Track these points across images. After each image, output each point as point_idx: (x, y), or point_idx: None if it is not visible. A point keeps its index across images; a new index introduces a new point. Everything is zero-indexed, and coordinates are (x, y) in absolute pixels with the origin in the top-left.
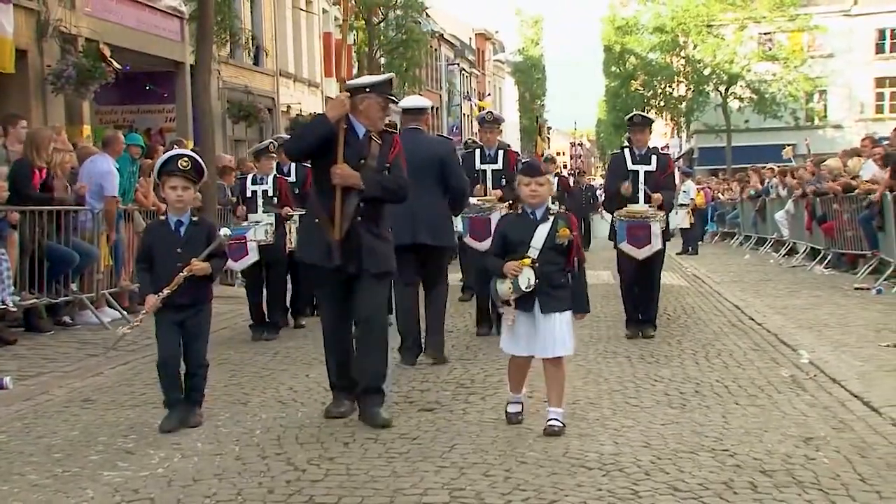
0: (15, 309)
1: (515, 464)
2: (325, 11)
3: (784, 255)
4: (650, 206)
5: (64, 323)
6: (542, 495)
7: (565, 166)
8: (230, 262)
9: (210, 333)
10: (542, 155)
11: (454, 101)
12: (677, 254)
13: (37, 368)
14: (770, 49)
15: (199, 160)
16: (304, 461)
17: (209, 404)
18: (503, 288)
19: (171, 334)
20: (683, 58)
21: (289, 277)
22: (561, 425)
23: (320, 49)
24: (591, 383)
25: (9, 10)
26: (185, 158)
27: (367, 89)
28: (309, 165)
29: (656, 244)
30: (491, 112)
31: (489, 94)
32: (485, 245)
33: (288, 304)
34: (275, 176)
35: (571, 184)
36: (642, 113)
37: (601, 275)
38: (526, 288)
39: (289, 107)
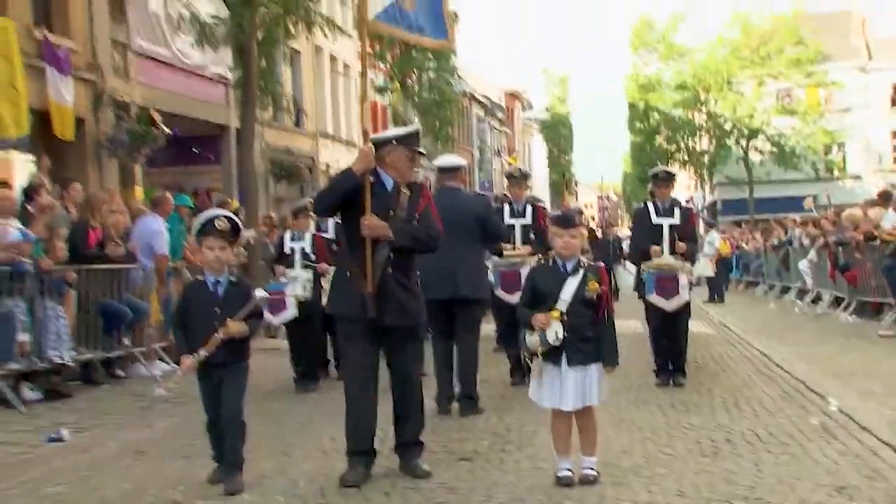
0: (73, 364)
1: None
2: (363, 75)
3: (809, 304)
4: (676, 258)
5: (117, 376)
6: None
7: (593, 219)
8: (270, 317)
9: (253, 386)
10: (580, 211)
11: (485, 158)
12: (704, 302)
13: (91, 421)
14: (788, 104)
15: (237, 220)
16: None
17: (254, 455)
18: (532, 340)
19: (212, 394)
20: (705, 113)
21: (328, 332)
22: (596, 473)
23: (358, 108)
24: (624, 431)
25: (69, 81)
26: (223, 219)
27: (394, 141)
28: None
29: (684, 295)
30: (519, 168)
31: (518, 151)
32: (515, 298)
33: (329, 356)
34: (312, 234)
35: (599, 235)
36: (665, 168)
37: (629, 324)
38: (554, 342)
39: (328, 166)
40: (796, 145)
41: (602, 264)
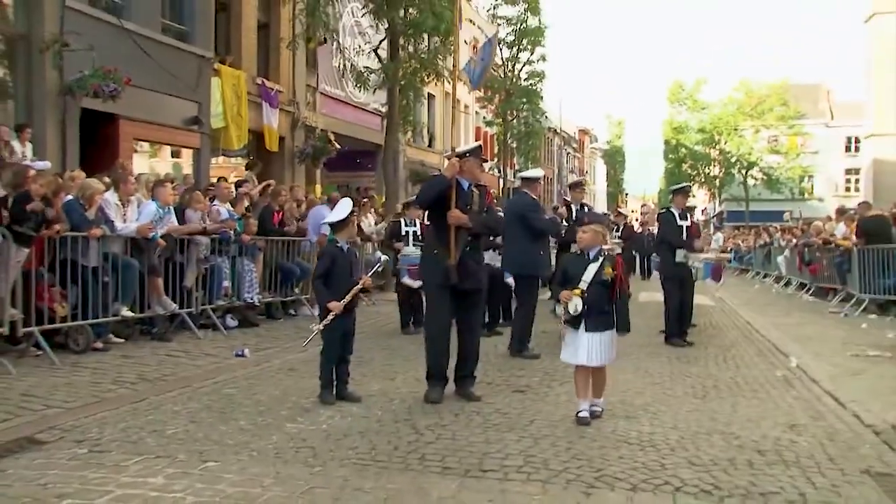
0: (259, 304)
1: (576, 438)
2: (476, 112)
3: (782, 286)
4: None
5: (290, 314)
6: (592, 464)
7: (636, 220)
8: (410, 281)
9: (378, 326)
10: (620, 211)
11: (563, 175)
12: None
13: (267, 344)
14: (776, 146)
15: None
16: (424, 427)
17: (367, 378)
18: (560, 311)
19: (339, 333)
20: (717, 150)
21: None
22: (601, 410)
23: (473, 137)
24: (640, 377)
25: (276, 112)
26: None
27: (468, 154)
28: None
29: (724, 279)
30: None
31: (587, 171)
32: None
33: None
34: (422, 221)
35: (637, 230)
36: (684, 184)
37: (655, 295)
38: (574, 312)
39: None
40: (780, 175)
41: (617, 253)
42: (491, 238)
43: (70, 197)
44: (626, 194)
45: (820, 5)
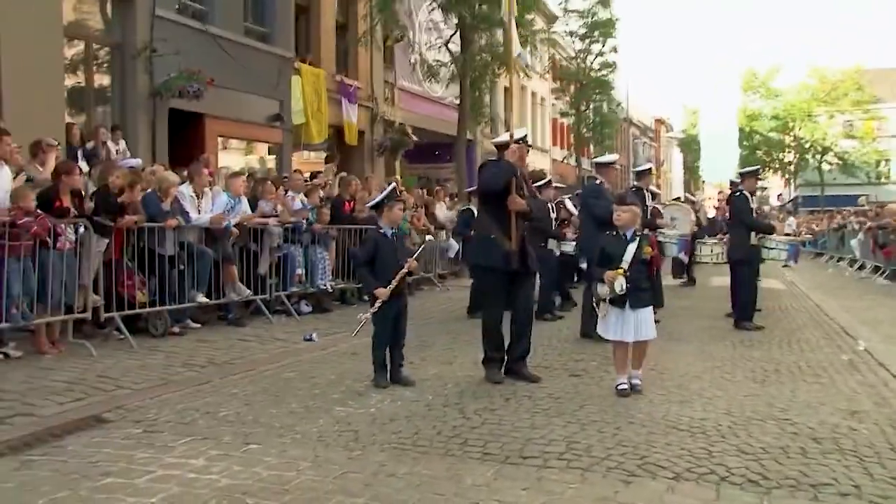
0: (331, 290)
1: (625, 423)
2: (553, 104)
3: (855, 270)
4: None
5: (364, 299)
6: (637, 451)
7: (716, 207)
8: None
9: (446, 310)
10: (689, 197)
11: (638, 163)
12: (782, 266)
13: (336, 329)
14: (850, 131)
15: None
16: (472, 411)
17: (426, 362)
18: (602, 290)
19: (390, 318)
20: (792, 136)
21: None
22: (640, 383)
23: (549, 127)
24: (701, 360)
25: (355, 107)
26: (398, 188)
27: (522, 140)
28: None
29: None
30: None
31: (663, 160)
32: None
33: None
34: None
35: (711, 215)
36: (755, 167)
37: (726, 279)
38: (620, 291)
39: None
40: (856, 160)
41: (652, 234)
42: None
43: (148, 190)
44: (703, 182)
45: None
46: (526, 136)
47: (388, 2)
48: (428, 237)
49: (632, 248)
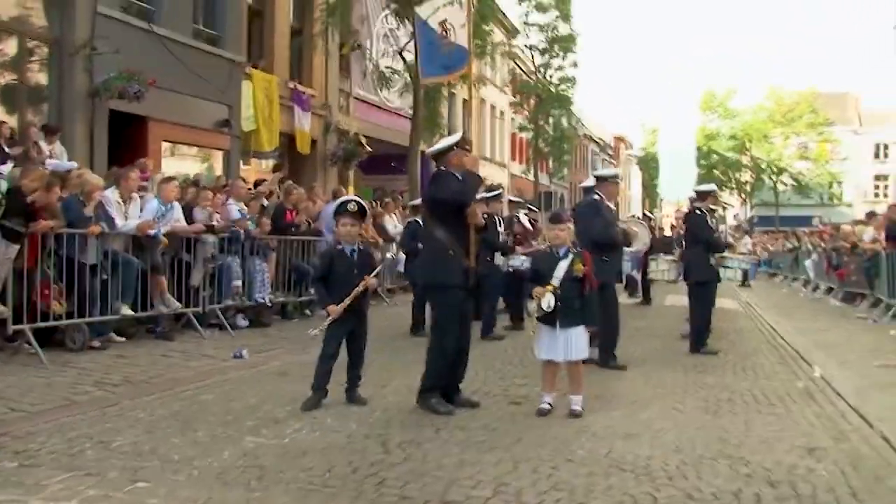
0: (270, 304)
1: (563, 461)
2: (512, 119)
3: (810, 291)
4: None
5: (306, 314)
6: (573, 496)
7: (672, 227)
8: None
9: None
10: (647, 213)
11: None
12: (737, 286)
13: (272, 345)
14: (805, 153)
15: (363, 203)
16: (396, 444)
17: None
18: (532, 307)
19: (339, 336)
20: (748, 156)
21: None
22: (580, 409)
23: (508, 141)
24: (650, 388)
25: (308, 115)
26: (353, 203)
27: (458, 146)
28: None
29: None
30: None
31: (622, 177)
32: None
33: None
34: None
35: (669, 233)
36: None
37: (681, 299)
38: (547, 308)
39: (483, 178)
40: (810, 181)
41: (582, 250)
42: None
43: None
44: (661, 199)
45: (847, 13)
46: (461, 139)
47: (339, 7)
48: (389, 255)
49: (563, 265)
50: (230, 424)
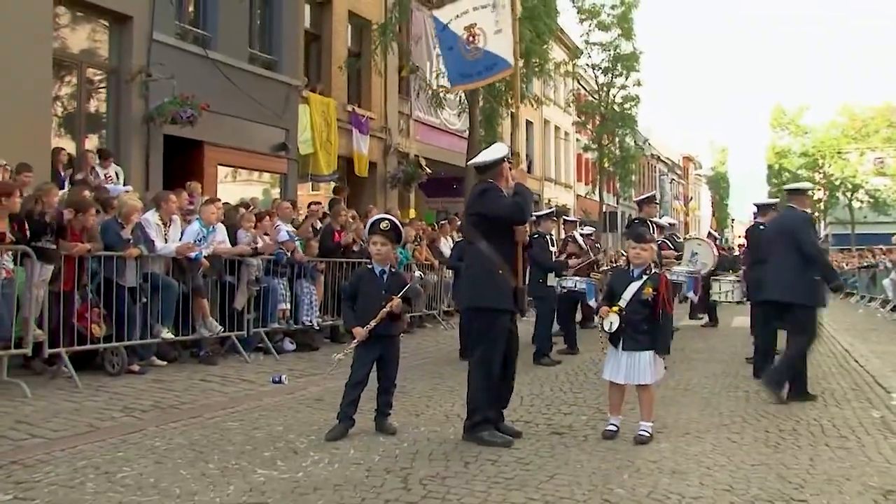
0: (318, 328)
1: (598, 502)
2: (577, 139)
3: (889, 311)
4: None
5: None
6: None
7: (741, 246)
8: None
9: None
10: (712, 233)
11: (664, 201)
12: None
13: (315, 370)
14: (882, 168)
15: (398, 223)
16: (418, 480)
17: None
18: (599, 326)
19: (367, 362)
20: (821, 173)
21: None
22: (648, 434)
23: (574, 162)
24: (707, 416)
25: (366, 138)
26: (386, 221)
27: (506, 159)
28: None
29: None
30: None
31: (692, 197)
32: None
33: None
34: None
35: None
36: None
37: (740, 319)
38: (609, 329)
39: (549, 200)
40: (887, 198)
41: (661, 272)
42: None
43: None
44: (733, 220)
45: None
46: (510, 152)
47: (389, 25)
48: (417, 273)
49: (634, 287)
50: (245, 455)
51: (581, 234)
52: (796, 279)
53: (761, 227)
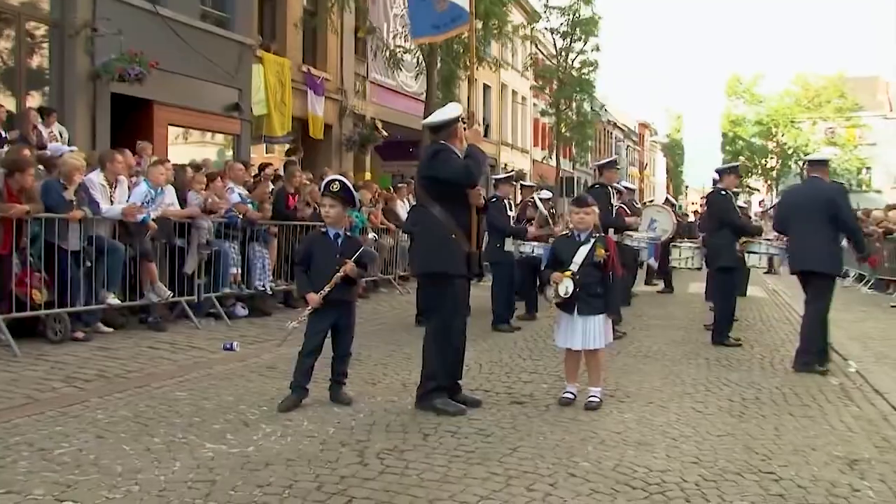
0: (271, 293)
1: (563, 476)
2: (534, 104)
3: (841, 278)
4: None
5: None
6: None
7: (696, 213)
8: None
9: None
10: (670, 199)
11: (621, 167)
12: (763, 273)
13: (268, 336)
14: (833, 138)
15: (349, 184)
16: (375, 453)
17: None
18: (549, 293)
19: (321, 329)
20: (775, 142)
21: None
22: (598, 400)
23: (531, 127)
24: (669, 384)
25: (322, 100)
26: (337, 183)
27: (462, 120)
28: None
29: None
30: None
31: (646, 164)
32: None
33: None
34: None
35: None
36: (735, 164)
37: (696, 286)
38: (564, 295)
39: (506, 164)
40: (837, 167)
41: (605, 235)
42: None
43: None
44: (686, 187)
45: None
46: (462, 113)
47: None
48: (371, 235)
49: (584, 251)
50: (193, 428)
51: (540, 199)
52: (826, 248)
53: (722, 192)
